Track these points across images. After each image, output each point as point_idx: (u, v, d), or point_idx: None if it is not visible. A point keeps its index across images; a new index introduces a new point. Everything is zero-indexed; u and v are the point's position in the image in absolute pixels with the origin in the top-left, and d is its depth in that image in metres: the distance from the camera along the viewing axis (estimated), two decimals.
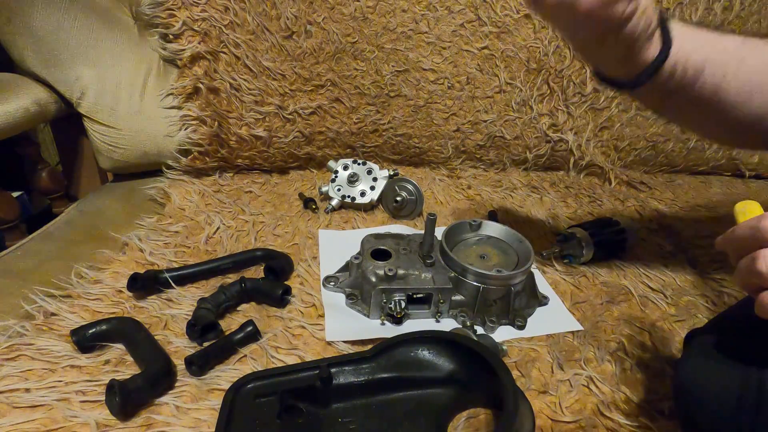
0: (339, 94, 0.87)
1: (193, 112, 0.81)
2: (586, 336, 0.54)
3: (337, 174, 0.80)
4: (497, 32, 0.87)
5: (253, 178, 0.88)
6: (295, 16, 0.82)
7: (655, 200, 0.87)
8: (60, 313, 0.52)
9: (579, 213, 0.81)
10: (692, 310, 0.58)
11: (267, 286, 0.56)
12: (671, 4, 0.86)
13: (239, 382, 0.43)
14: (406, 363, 0.46)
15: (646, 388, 0.47)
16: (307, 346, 0.50)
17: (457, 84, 0.89)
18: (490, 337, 0.51)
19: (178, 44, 0.79)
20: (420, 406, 0.44)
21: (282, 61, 0.83)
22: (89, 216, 0.76)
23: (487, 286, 0.53)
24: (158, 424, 0.41)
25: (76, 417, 0.41)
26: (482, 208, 0.82)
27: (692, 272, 0.66)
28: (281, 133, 0.86)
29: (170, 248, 0.65)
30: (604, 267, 0.67)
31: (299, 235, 0.70)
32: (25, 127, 0.77)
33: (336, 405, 0.43)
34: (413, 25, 0.86)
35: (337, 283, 0.59)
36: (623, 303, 0.59)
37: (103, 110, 0.80)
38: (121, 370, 0.46)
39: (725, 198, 0.90)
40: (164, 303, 0.55)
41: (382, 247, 0.58)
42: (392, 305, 0.53)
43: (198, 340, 0.50)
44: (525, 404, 0.42)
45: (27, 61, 0.78)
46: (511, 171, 0.97)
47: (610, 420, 0.44)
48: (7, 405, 0.42)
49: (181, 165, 0.84)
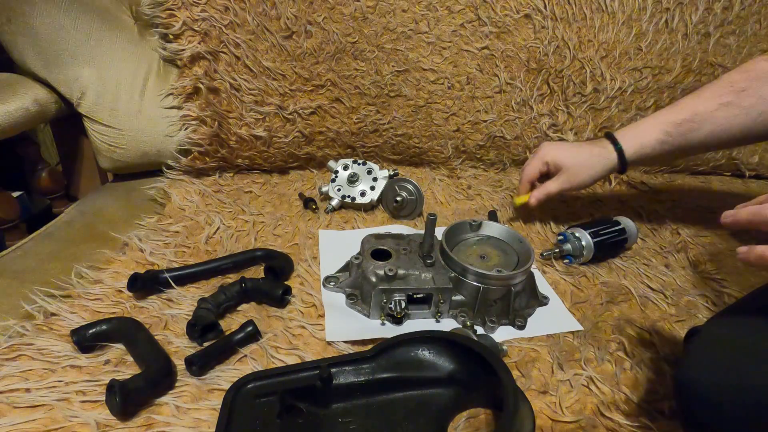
0: (339, 94, 0.87)
1: (193, 112, 0.81)
2: (586, 336, 0.54)
3: (337, 174, 0.80)
4: (497, 32, 0.87)
5: (253, 178, 0.88)
6: (295, 16, 0.82)
7: (655, 200, 0.87)
8: (60, 313, 0.52)
9: (579, 213, 0.81)
10: (692, 310, 0.58)
11: (267, 286, 0.56)
12: (671, 4, 0.86)
13: (239, 382, 0.43)
14: (406, 363, 0.46)
15: (647, 388, 0.47)
16: (307, 346, 0.50)
17: (457, 84, 0.89)
18: (491, 337, 0.51)
19: (178, 44, 0.79)
20: (420, 406, 0.44)
21: (282, 61, 0.83)
22: (89, 216, 0.76)
23: (487, 286, 0.53)
24: (158, 424, 0.41)
25: (76, 417, 0.41)
26: (482, 208, 0.82)
27: (692, 272, 0.66)
28: (281, 133, 0.86)
29: (170, 248, 0.65)
30: (604, 267, 0.67)
31: (299, 235, 0.70)
32: (25, 127, 0.77)
33: (336, 405, 0.43)
34: (413, 25, 0.86)
35: (337, 283, 0.59)
36: (623, 303, 0.59)
37: (103, 110, 0.80)
38: (121, 370, 0.46)
39: (725, 198, 0.90)
40: (164, 303, 0.55)
41: (382, 247, 0.58)
42: (392, 305, 0.53)
43: (198, 340, 0.50)
44: (525, 404, 0.42)
45: (27, 61, 0.78)
46: (511, 171, 0.97)
47: (610, 420, 0.44)
48: (7, 405, 0.42)
49: (181, 165, 0.84)
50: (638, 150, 0.65)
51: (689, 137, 0.62)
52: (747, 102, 0.59)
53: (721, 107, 0.60)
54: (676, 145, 0.63)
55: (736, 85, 0.60)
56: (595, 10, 0.87)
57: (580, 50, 0.87)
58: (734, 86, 0.60)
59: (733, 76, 0.62)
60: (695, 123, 0.62)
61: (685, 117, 0.62)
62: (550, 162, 0.70)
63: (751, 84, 0.59)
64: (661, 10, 0.87)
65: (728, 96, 0.60)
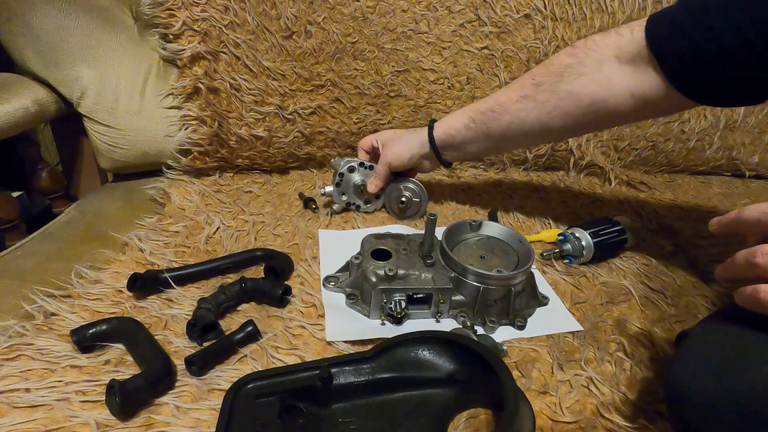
0: (339, 94, 0.87)
1: (193, 112, 0.81)
2: (586, 336, 0.54)
3: (342, 177, 0.76)
4: (497, 32, 0.87)
5: (253, 178, 0.88)
6: (295, 16, 0.82)
7: (655, 200, 0.87)
8: (60, 313, 0.52)
9: (579, 213, 0.81)
10: (692, 311, 0.58)
11: (267, 286, 0.56)
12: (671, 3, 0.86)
13: (239, 382, 0.43)
14: (407, 363, 0.46)
15: (646, 389, 0.47)
16: (307, 346, 0.50)
17: (457, 84, 0.89)
18: (491, 338, 0.51)
19: (178, 44, 0.79)
20: (420, 406, 0.44)
21: (282, 61, 0.83)
22: (89, 216, 0.76)
23: (487, 286, 0.53)
24: (158, 424, 0.41)
25: (76, 417, 0.41)
26: (482, 208, 0.82)
27: (692, 272, 0.66)
28: (281, 133, 0.86)
29: (170, 248, 0.65)
30: (604, 267, 0.66)
31: (299, 235, 0.70)
32: (25, 127, 0.77)
33: (336, 405, 0.43)
34: (413, 25, 0.86)
35: (337, 283, 0.59)
36: (623, 303, 0.59)
37: (103, 110, 0.80)
38: (121, 370, 0.46)
39: (725, 198, 0.90)
40: (164, 303, 0.55)
41: (383, 247, 0.58)
42: (392, 305, 0.53)
43: (198, 340, 0.50)
44: (525, 404, 0.42)
45: (27, 61, 0.78)
46: (511, 171, 0.97)
47: (609, 421, 0.44)
48: (7, 405, 0.42)
49: (181, 165, 0.84)
50: (446, 131, 0.70)
51: (491, 125, 0.66)
52: (542, 97, 0.61)
53: (521, 99, 0.63)
54: (480, 132, 0.67)
55: (536, 79, 0.62)
56: (595, 10, 0.87)
57: None
58: (534, 80, 0.62)
59: (535, 70, 0.64)
60: (497, 113, 0.65)
61: (489, 106, 0.66)
62: (379, 139, 0.76)
63: (547, 79, 0.61)
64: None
65: (528, 89, 0.62)
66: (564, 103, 0.60)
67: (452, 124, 0.69)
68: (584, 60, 0.58)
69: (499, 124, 0.65)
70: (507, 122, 0.64)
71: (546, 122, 0.62)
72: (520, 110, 0.63)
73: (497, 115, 0.65)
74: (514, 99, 0.63)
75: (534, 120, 0.63)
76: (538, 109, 0.62)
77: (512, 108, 0.64)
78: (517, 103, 0.63)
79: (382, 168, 0.74)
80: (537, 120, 0.62)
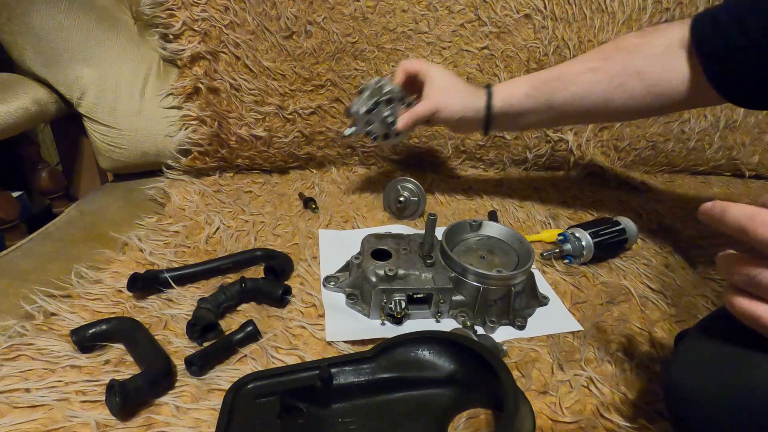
0: (339, 94, 0.87)
1: (193, 112, 0.81)
2: (587, 336, 0.54)
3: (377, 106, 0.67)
4: (497, 32, 0.87)
5: (253, 178, 0.88)
6: (295, 16, 0.82)
7: (655, 200, 0.87)
8: (60, 313, 0.52)
9: (579, 213, 0.81)
10: (692, 311, 0.58)
11: (267, 286, 0.56)
12: (671, 4, 0.86)
13: (239, 382, 0.43)
14: (407, 363, 0.46)
15: (646, 389, 0.47)
16: (307, 346, 0.50)
17: None
18: (491, 338, 0.51)
19: (178, 44, 0.79)
20: (420, 406, 0.44)
21: (282, 61, 0.83)
22: (89, 216, 0.76)
23: (487, 286, 0.53)
24: (158, 424, 0.41)
25: (76, 417, 0.41)
26: (482, 208, 0.82)
27: (692, 272, 0.66)
28: (281, 133, 0.86)
29: (170, 248, 0.65)
30: (604, 267, 0.67)
31: (299, 235, 0.70)
32: (25, 127, 0.77)
33: (336, 405, 0.43)
34: (413, 25, 0.86)
35: (337, 283, 0.59)
36: (623, 303, 0.59)
37: (103, 110, 0.80)
38: (121, 370, 0.46)
39: (725, 198, 0.90)
40: (164, 303, 0.55)
41: (383, 247, 0.58)
42: (392, 305, 0.53)
43: (198, 340, 0.50)
44: (525, 405, 0.42)
45: (27, 61, 0.78)
46: (511, 171, 0.97)
47: (609, 421, 0.44)
48: (7, 405, 0.42)
49: (181, 165, 0.84)
50: (505, 98, 0.66)
51: (553, 95, 0.64)
52: (613, 69, 0.61)
53: (588, 71, 0.62)
54: (541, 101, 0.65)
55: (606, 53, 0.63)
56: (595, 10, 0.87)
57: (580, 50, 0.87)
58: (604, 54, 0.63)
59: (605, 46, 0.64)
60: (561, 82, 0.64)
61: (554, 75, 0.65)
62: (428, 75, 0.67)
63: (617, 55, 0.62)
64: (660, 10, 0.87)
65: (597, 62, 0.63)
66: (631, 81, 0.60)
67: (513, 92, 0.66)
68: (653, 41, 0.59)
69: (563, 94, 0.64)
70: (571, 93, 0.63)
71: (608, 99, 0.62)
72: (587, 81, 0.62)
73: (562, 84, 0.64)
74: (581, 70, 0.63)
75: (599, 94, 0.62)
76: (605, 83, 0.62)
77: (579, 79, 0.63)
78: (585, 74, 0.62)
79: (425, 111, 0.67)
80: (602, 95, 0.62)
